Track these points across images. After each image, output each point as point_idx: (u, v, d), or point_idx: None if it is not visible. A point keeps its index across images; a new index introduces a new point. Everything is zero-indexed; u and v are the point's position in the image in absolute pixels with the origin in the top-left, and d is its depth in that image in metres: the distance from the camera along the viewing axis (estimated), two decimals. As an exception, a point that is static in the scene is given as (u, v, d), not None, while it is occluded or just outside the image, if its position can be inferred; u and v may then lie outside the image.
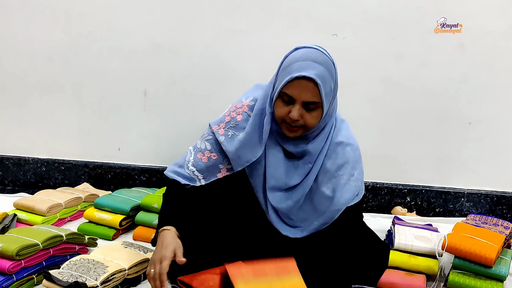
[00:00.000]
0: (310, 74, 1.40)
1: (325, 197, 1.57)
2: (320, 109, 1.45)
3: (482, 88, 2.15)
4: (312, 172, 1.57)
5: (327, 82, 1.43)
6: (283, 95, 1.44)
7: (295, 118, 1.43)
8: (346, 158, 1.57)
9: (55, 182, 2.60)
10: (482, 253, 1.47)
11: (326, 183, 1.57)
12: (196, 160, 1.61)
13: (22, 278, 1.55)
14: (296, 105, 1.43)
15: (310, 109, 1.44)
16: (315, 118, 1.46)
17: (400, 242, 1.67)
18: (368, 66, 2.20)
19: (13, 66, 2.54)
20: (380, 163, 2.29)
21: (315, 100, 1.42)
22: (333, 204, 1.56)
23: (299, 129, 1.48)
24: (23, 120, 2.59)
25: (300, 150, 1.55)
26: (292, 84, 1.42)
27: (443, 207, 2.27)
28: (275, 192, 1.59)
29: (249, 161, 1.55)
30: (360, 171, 1.60)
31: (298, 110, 1.43)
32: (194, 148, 1.64)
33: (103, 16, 2.39)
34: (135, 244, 1.71)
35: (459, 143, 2.21)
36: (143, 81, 2.42)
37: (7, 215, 1.98)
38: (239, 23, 2.26)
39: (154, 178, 2.49)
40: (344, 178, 1.56)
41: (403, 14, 2.13)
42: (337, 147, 1.57)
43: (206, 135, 1.63)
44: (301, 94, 1.42)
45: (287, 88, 1.43)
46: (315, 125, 1.48)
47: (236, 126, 1.58)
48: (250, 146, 1.55)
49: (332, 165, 1.56)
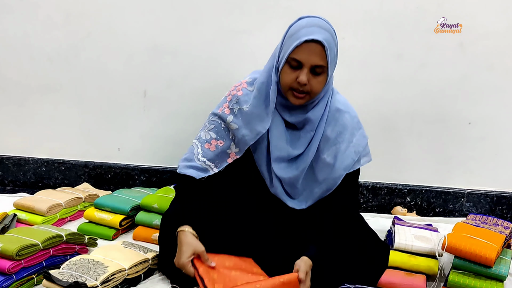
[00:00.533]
0: (319, 38, 1.45)
1: (326, 164, 1.61)
2: (325, 74, 1.51)
3: (482, 88, 2.15)
4: (314, 140, 1.61)
5: (332, 47, 1.49)
6: (291, 61, 1.49)
7: (304, 82, 1.47)
8: (345, 125, 1.62)
9: (55, 182, 2.60)
10: (482, 253, 1.47)
11: (327, 150, 1.61)
12: (204, 151, 1.64)
13: (22, 278, 1.55)
14: (304, 69, 1.48)
15: (317, 74, 1.49)
16: (320, 84, 1.51)
17: (400, 242, 1.67)
18: (368, 66, 2.20)
19: (13, 66, 2.54)
20: (380, 163, 2.28)
21: (322, 64, 1.47)
22: (334, 171, 1.60)
23: (305, 95, 1.52)
24: (23, 120, 2.60)
25: (301, 119, 1.59)
26: (301, 48, 1.46)
27: (443, 207, 2.27)
28: (280, 163, 1.62)
29: (259, 133, 1.59)
30: (360, 137, 1.64)
31: (306, 74, 1.48)
32: (199, 140, 1.67)
33: (103, 16, 2.39)
34: (135, 244, 1.71)
35: (459, 143, 2.21)
36: (143, 82, 2.43)
37: (7, 215, 1.98)
38: (239, 23, 2.26)
39: (154, 178, 2.49)
40: (344, 144, 1.61)
41: (403, 14, 2.13)
42: (335, 114, 1.62)
43: (208, 125, 1.67)
44: (309, 58, 1.46)
45: (295, 53, 1.47)
46: (320, 92, 1.53)
47: (238, 101, 1.63)
48: (258, 118, 1.59)
49: (332, 132, 1.61)
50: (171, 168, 2.47)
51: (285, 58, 1.49)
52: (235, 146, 1.64)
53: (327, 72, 1.50)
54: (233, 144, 1.64)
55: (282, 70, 1.52)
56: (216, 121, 1.66)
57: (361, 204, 2.33)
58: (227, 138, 1.64)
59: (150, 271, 1.66)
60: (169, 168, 2.47)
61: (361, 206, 2.33)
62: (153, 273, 1.68)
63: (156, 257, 1.67)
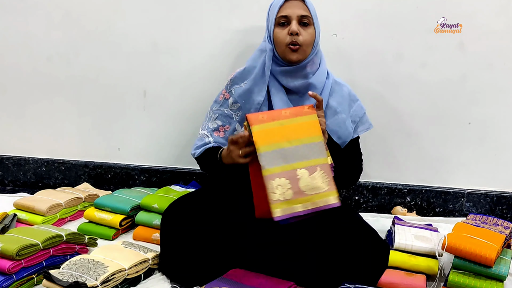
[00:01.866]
0: None
1: (331, 131, 1.73)
2: (313, 27, 1.70)
3: (482, 88, 2.15)
4: None
5: (311, 3, 1.71)
6: (279, 20, 1.68)
7: (295, 31, 1.65)
8: (344, 96, 1.79)
9: (55, 182, 2.60)
10: (482, 253, 1.47)
11: (331, 117, 1.74)
12: (215, 138, 1.79)
13: (22, 278, 1.55)
14: (293, 21, 1.67)
15: (305, 24, 1.68)
16: (310, 36, 1.69)
17: (400, 242, 1.67)
18: (368, 66, 2.20)
19: (13, 66, 2.54)
20: (380, 163, 2.29)
21: (307, 14, 1.68)
22: (339, 137, 1.75)
23: (299, 48, 1.67)
24: (23, 120, 2.60)
25: (305, 85, 1.72)
26: (284, 6, 1.68)
27: (443, 207, 2.27)
28: None
29: (259, 102, 1.73)
30: (357, 107, 1.80)
31: (296, 24, 1.66)
32: (208, 130, 1.80)
33: (103, 16, 2.39)
34: (135, 244, 1.71)
35: (459, 143, 2.21)
36: (143, 81, 2.42)
37: (7, 215, 1.98)
38: (239, 22, 2.26)
39: (154, 178, 2.49)
40: (343, 115, 1.76)
41: (403, 14, 2.13)
42: (335, 86, 1.79)
43: (213, 115, 1.82)
44: (294, 10, 1.67)
45: (281, 11, 1.68)
46: (310, 45, 1.69)
47: (234, 82, 1.80)
48: (257, 88, 1.74)
49: (333, 101, 1.76)
50: (171, 168, 2.47)
51: (273, 21, 1.69)
52: (240, 125, 1.77)
53: (313, 24, 1.69)
54: (238, 125, 1.77)
55: (274, 33, 1.70)
56: (218, 110, 1.81)
57: (361, 203, 2.33)
58: (232, 121, 1.79)
59: (150, 271, 1.66)
60: (169, 168, 2.47)
61: (361, 205, 2.33)
62: (153, 273, 1.68)
63: (156, 257, 1.67)
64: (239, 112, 1.78)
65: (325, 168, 1.43)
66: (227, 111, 1.79)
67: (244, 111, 1.76)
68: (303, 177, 1.41)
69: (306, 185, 1.41)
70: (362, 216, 1.84)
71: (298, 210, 1.41)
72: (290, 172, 1.41)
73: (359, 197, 2.33)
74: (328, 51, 2.17)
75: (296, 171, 1.41)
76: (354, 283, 1.52)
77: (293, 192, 1.40)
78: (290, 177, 1.41)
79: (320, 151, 1.44)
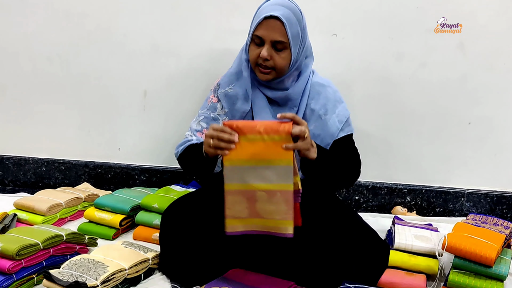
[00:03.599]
0: (277, 13, 1.54)
1: (314, 135, 1.66)
2: (289, 51, 1.59)
3: (482, 88, 2.15)
4: (299, 114, 1.68)
5: (293, 24, 1.57)
6: (254, 38, 1.60)
7: (265, 57, 1.56)
8: (327, 97, 1.71)
9: (55, 182, 2.60)
10: (482, 252, 1.47)
11: (314, 122, 1.68)
12: (198, 138, 1.74)
13: (22, 277, 1.55)
14: (266, 45, 1.58)
15: (278, 49, 1.58)
16: (284, 60, 1.59)
17: (400, 242, 1.67)
18: (368, 66, 2.20)
19: (13, 66, 2.54)
20: (380, 163, 2.29)
21: (282, 40, 1.56)
22: (321, 141, 1.67)
23: (271, 71, 1.61)
24: (23, 120, 2.59)
25: (282, 96, 1.67)
26: (261, 25, 1.56)
27: (443, 207, 2.27)
28: None
29: (245, 111, 1.70)
30: (342, 109, 1.72)
31: (267, 49, 1.57)
32: (192, 132, 1.77)
33: (103, 16, 2.39)
34: (135, 244, 1.71)
35: (459, 143, 2.21)
36: (143, 82, 2.43)
37: (7, 215, 1.98)
38: (239, 23, 2.26)
39: (154, 178, 2.49)
40: (328, 116, 1.69)
41: (403, 14, 2.13)
42: (318, 88, 1.71)
43: (198, 118, 1.78)
44: (269, 34, 1.56)
45: (257, 30, 1.58)
46: (285, 67, 1.61)
47: (220, 86, 1.76)
48: (243, 95, 1.70)
49: (316, 104, 1.69)
50: (171, 168, 2.47)
51: (250, 36, 1.60)
52: None
53: (290, 48, 1.58)
54: None
55: (249, 47, 1.63)
56: (205, 113, 1.76)
57: (361, 202, 2.33)
58: None
59: (150, 271, 1.66)
60: (169, 168, 2.47)
61: (361, 205, 2.33)
62: (153, 272, 1.68)
63: (156, 257, 1.67)
64: (225, 118, 1.73)
65: (286, 195, 1.37)
66: (214, 115, 1.75)
67: (230, 117, 1.72)
68: (261, 199, 1.38)
69: (263, 208, 1.39)
70: (362, 216, 1.84)
71: (249, 229, 1.42)
72: (249, 191, 1.38)
73: (359, 197, 2.33)
74: (328, 51, 2.18)
75: (256, 192, 1.38)
76: (354, 283, 1.52)
77: (249, 212, 1.39)
78: (248, 197, 1.39)
79: (285, 176, 1.36)
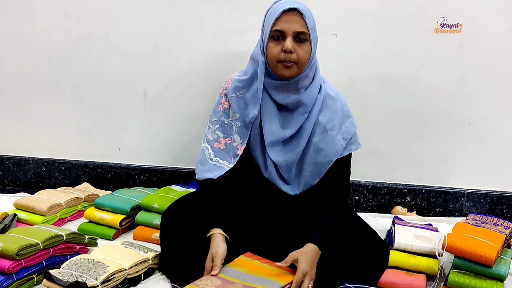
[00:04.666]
0: (295, 6, 1.55)
1: (316, 147, 1.66)
2: (309, 43, 1.58)
3: (482, 88, 2.15)
4: (307, 122, 1.66)
5: (309, 16, 1.58)
6: (274, 34, 1.57)
7: (290, 49, 1.54)
8: (336, 112, 1.68)
9: (55, 182, 2.60)
10: (482, 252, 1.47)
11: (319, 134, 1.66)
12: (215, 150, 1.71)
13: (22, 277, 1.55)
14: (288, 37, 1.56)
15: (300, 40, 1.57)
16: (306, 52, 1.58)
17: (400, 242, 1.67)
18: (368, 66, 2.20)
19: (13, 66, 2.54)
20: (380, 163, 2.29)
21: (304, 30, 1.56)
22: (324, 156, 1.65)
23: (293, 65, 1.58)
24: (23, 120, 2.59)
25: (294, 101, 1.64)
26: (281, 19, 1.55)
27: (443, 207, 2.27)
28: (274, 146, 1.67)
29: (253, 116, 1.67)
30: (349, 124, 1.69)
31: (290, 41, 1.55)
32: (208, 143, 1.73)
33: (103, 17, 2.38)
34: (135, 244, 1.71)
35: (459, 143, 2.21)
36: (143, 82, 2.42)
37: (7, 215, 1.98)
38: (239, 23, 2.26)
39: (154, 178, 2.49)
40: (334, 131, 1.66)
41: (403, 14, 2.13)
42: (328, 101, 1.68)
43: (213, 126, 1.74)
44: (290, 25, 1.55)
45: (276, 25, 1.56)
46: (305, 62, 1.59)
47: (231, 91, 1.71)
48: (252, 101, 1.67)
49: (323, 117, 1.67)
50: (171, 168, 2.47)
51: (268, 34, 1.58)
52: (239, 137, 1.70)
53: (310, 40, 1.58)
54: (237, 136, 1.70)
55: (267, 46, 1.59)
56: (219, 120, 1.72)
57: (361, 203, 2.33)
58: (232, 132, 1.71)
59: (150, 271, 1.66)
60: (169, 168, 2.47)
61: (361, 205, 2.33)
62: (153, 272, 1.68)
63: (156, 257, 1.67)
64: (238, 123, 1.70)
65: None
66: (228, 122, 1.72)
67: (241, 122, 1.69)
68: None
69: None
70: (362, 216, 1.84)
71: None
72: (229, 282, 1.46)
73: (359, 197, 2.33)
74: (328, 51, 2.18)
75: (236, 285, 1.45)
76: (354, 283, 1.53)
77: None
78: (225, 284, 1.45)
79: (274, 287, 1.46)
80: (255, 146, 1.69)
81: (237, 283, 1.46)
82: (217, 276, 1.48)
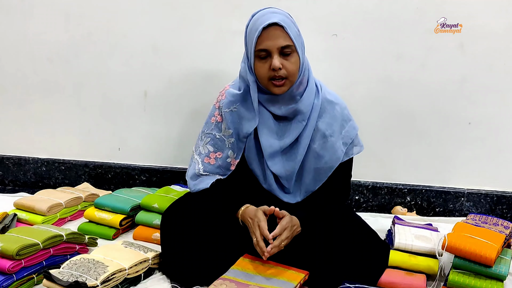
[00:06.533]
0: (274, 20, 1.49)
1: (316, 154, 1.64)
2: (296, 54, 1.53)
3: (482, 89, 2.15)
4: (306, 130, 1.63)
5: (291, 26, 1.53)
6: (259, 54, 1.53)
7: (278, 66, 1.50)
8: (335, 117, 1.65)
9: (55, 182, 2.60)
10: (482, 252, 1.47)
11: (318, 140, 1.64)
12: (205, 165, 1.69)
13: (22, 277, 1.55)
14: (274, 54, 1.51)
15: (287, 54, 1.52)
16: (294, 64, 1.53)
17: (400, 242, 1.67)
18: (368, 66, 2.20)
19: (13, 66, 2.54)
20: (380, 163, 2.29)
21: (288, 44, 1.51)
22: (325, 163, 1.64)
23: (284, 81, 1.54)
24: (23, 120, 2.60)
25: (291, 110, 1.62)
26: (262, 37, 1.50)
27: (443, 207, 2.27)
28: (274, 158, 1.65)
29: (247, 131, 1.64)
30: (349, 128, 1.67)
31: (277, 58, 1.51)
32: (199, 155, 1.70)
33: (103, 17, 2.39)
34: (135, 244, 1.72)
35: (459, 143, 2.21)
36: (143, 82, 2.43)
37: (7, 214, 1.98)
38: (239, 23, 2.25)
39: (154, 178, 2.49)
40: (334, 137, 1.64)
41: (403, 14, 2.13)
42: (327, 106, 1.65)
43: (205, 139, 1.71)
44: (274, 42, 1.50)
45: (260, 44, 1.51)
46: (296, 73, 1.55)
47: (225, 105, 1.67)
48: (246, 118, 1.64)
49: (322, 123, 1.65)
50: (171, 168, 2.47)
51: (253, 54, 1.54)
52: (232, 152, 1.68)
53: (296, 51, 1.53)
54: (230, 152, 1.68)
55: (255, 66, 1.56)
56: (210, 133, 1.70)
57: (361, 203, 2.33)
58: (225, 147, 1.69)
59: (150, 271, 1.66)
60: (170, 168, 2.48)
61: (361, 205, 2.33)
62: (153, 272, 1.68)
63: (156, 257, 1.67)
64: (231, 139, 1.67)
65: None
66: (219, 136, 1.68)
67: (235, 137, 1.67)
68: None
69: None
70: (362, 216, 1.84)
71: None
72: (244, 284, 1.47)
73: (359, 197, 2.33)
74: (328, 51, 2.18)
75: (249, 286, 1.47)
76: (354, 283, 1.53)
77: None
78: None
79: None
80: (251, 159, 1.68)
81: (252, 285, 1.47)
82: (230, 280, 1.49)
